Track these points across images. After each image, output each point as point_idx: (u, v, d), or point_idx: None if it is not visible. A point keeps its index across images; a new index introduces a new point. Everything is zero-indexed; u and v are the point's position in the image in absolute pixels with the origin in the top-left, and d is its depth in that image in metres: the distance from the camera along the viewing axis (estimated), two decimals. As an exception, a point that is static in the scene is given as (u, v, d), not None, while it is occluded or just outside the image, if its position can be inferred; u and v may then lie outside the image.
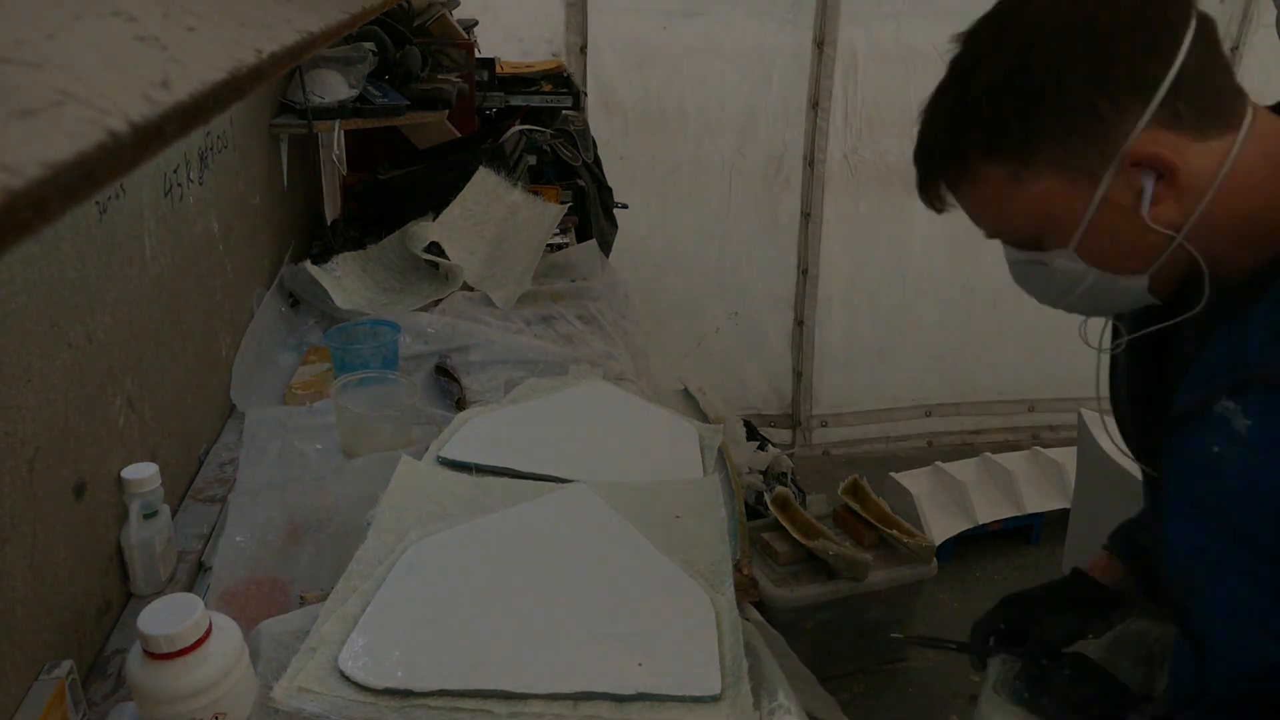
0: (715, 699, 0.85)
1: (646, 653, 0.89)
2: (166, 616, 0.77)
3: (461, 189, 1.95)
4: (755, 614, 1.03)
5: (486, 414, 1.35)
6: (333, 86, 1.88)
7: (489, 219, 1.99)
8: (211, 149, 1.41)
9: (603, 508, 1.11)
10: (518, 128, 2.24)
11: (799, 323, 3.52)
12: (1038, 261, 0.80)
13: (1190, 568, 0.78)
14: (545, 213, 2.04)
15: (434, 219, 1.91)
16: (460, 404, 1.45)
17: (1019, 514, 3.09)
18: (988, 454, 3.28)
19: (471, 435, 1.29)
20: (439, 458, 1.22)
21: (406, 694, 0.83)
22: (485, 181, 1.99)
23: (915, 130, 0.80)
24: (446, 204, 1.92)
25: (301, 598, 0.99)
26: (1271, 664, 0.74)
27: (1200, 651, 0.80)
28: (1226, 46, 3.46)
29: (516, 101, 2.56)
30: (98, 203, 0.99)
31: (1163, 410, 0.83)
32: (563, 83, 2.63)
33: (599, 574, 1.01)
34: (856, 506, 2.47)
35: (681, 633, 0.93)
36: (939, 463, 3.16)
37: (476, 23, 2.72)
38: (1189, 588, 0.78)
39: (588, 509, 1.11)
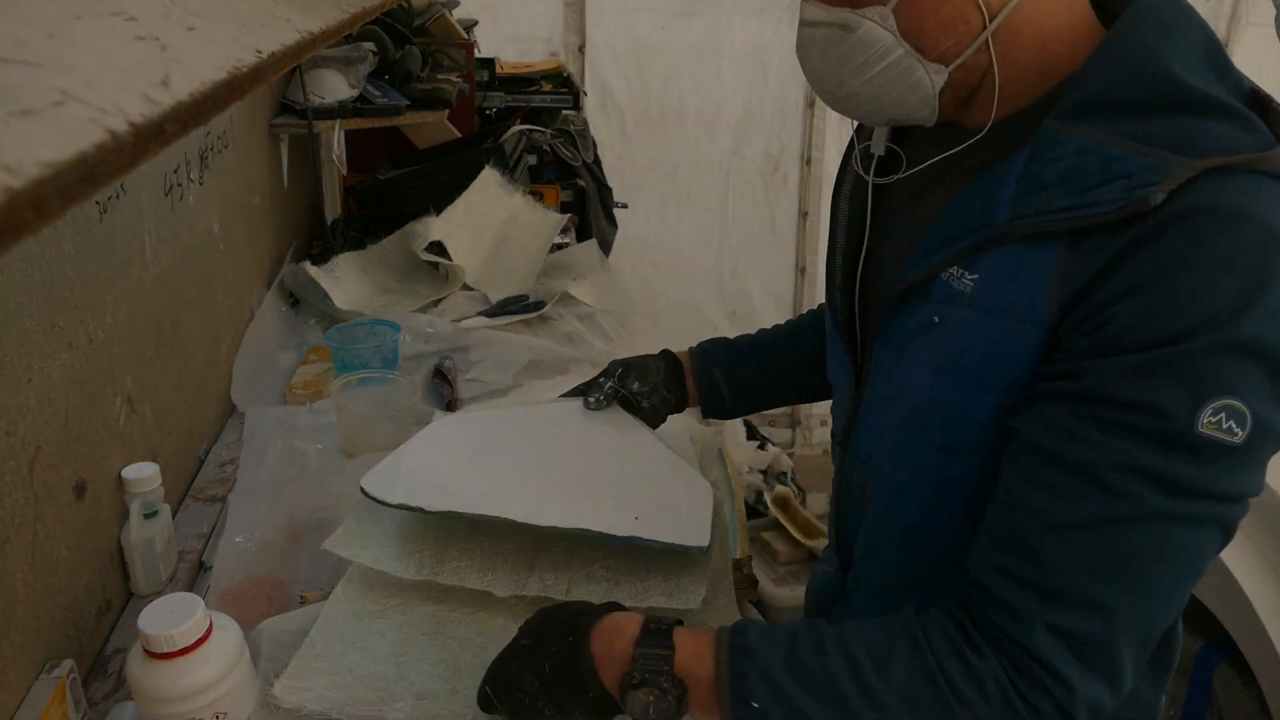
0: (704, 550, 0.89)
1: (644, 511, 0.94)
2: (167, 616, 0.77)
3: (462, 189, 1.95)
4: (755, 613, 1.04)
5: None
6: (333, 86, 1.88)
7: (490, 222, 1.99)
8: (211, 149, 1.41)
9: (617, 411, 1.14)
10: (518, 128, 2.24)
11: (799, 323, 3.52)
12: (843, 25, 0.71)
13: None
14: (545, 220, 2.04)
15: (435, 216, 1.91)
16: (450, 407, 1.45)
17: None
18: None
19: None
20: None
21: (419, 510, 0.91)
22: (489, 182, 1.99)
23: None
24: (447, 204, 1.92)
25: (302, 598, 0.99)
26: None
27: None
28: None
29: (516, 101, 2.56)
30: (98, 202, 0.99)
31: (872, 280, 0.83)
32: (563, 83, 2.63)
33: (608, 451, 1.05)
34: (856, 506, 2.47)
35: (679, 502, 0.97)
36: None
37: (476, 23, 2.72)
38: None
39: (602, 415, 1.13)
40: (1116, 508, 0.62)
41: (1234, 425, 0.60)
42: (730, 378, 1.10)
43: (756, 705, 0.67)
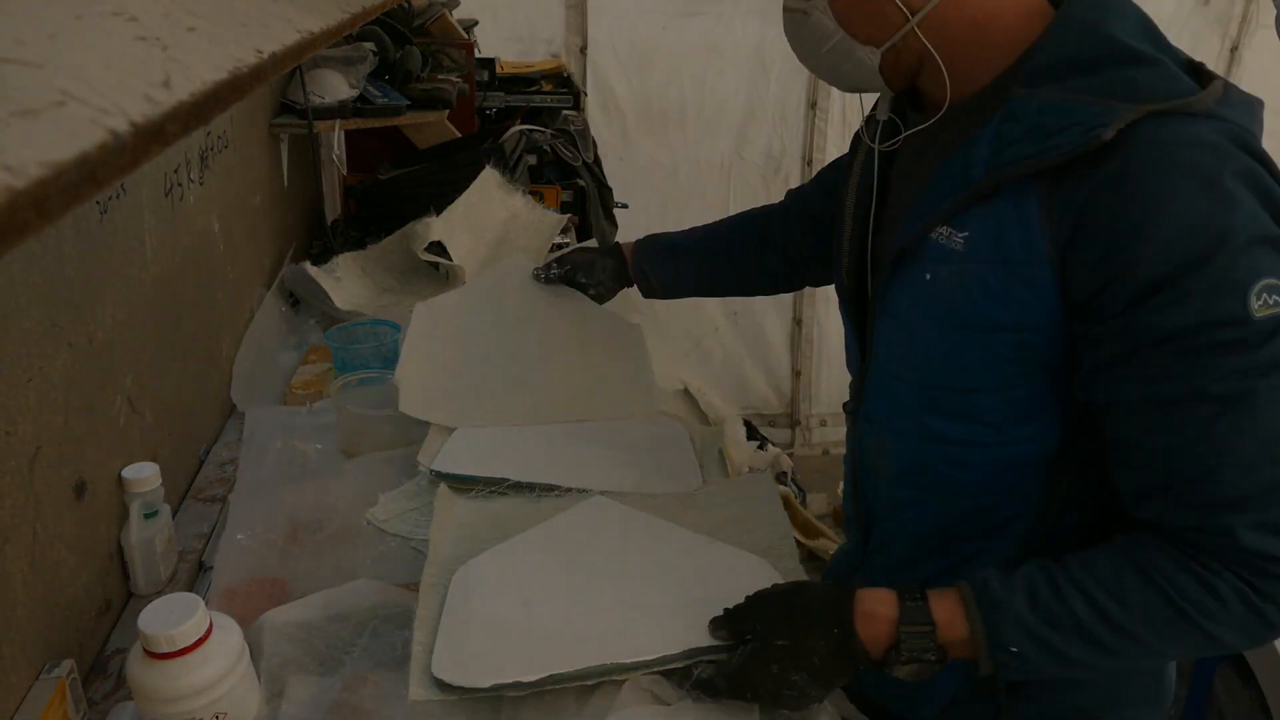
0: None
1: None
2: (167, 616, 0.77)
3: (462, 189, 1.95)
4: None
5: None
6: (333, 86, 1.88)
7: (490, 222, 1.98)
8: (211, 149, 1.41)
9: (631, 511, 1.09)
10: (518, 128, 2.23)
11: (798, 322, 3.52)
12: (800, 10, 0.86)
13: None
14: (545, 220, 2.03)
15: (435, 217, 1.91)
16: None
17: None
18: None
19: (460, 447, 1.25)
20: (431, 470, 1.18)
21: (516, 685, 0.81)
22: (489, 182, 1.98)
23: None
24: (447, 204, 1.92)
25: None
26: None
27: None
28: (1226, 47, 3.49)
29: (516, 101, 2.56)
30: (98, 202, 0.99)
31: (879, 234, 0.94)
32: (563, 83, 2.63)
33: (656, 558, 1.00)
34: (856, 506, 2.47)
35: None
36: (939, 462, 3.15)
37: (476, 23, 2.72)
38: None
39: (618, 513, 1.09)
40: (1237, 409, 0.69)
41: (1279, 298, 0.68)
42: (664, 280, 1.36)
43: (1015, 650, 0.76)
